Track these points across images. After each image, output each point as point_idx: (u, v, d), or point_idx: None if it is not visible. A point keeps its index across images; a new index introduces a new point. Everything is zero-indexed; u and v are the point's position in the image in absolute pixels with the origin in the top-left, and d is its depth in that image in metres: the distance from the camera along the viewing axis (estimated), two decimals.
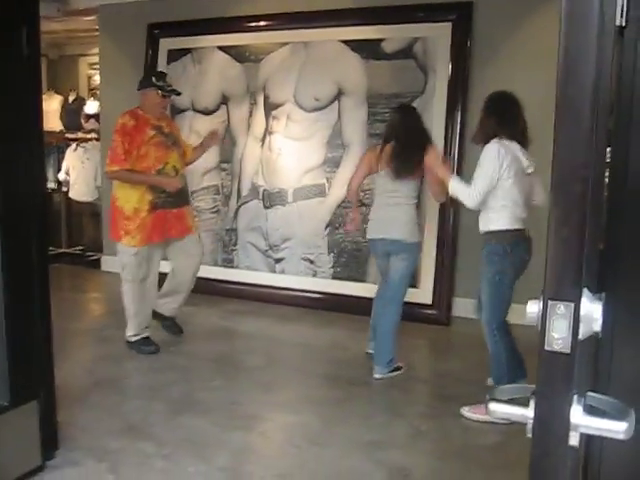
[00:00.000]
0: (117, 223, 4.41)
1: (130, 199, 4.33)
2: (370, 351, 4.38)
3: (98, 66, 7.51)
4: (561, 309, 0.82)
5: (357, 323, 5.10)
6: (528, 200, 3.65)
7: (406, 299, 4.51)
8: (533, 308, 0.88)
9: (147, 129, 4.34)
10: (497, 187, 3.50)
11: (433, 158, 3.86)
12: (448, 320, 5.35)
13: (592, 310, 0.89)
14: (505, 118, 3.57)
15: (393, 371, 4.19)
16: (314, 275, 5.79)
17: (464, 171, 5.34)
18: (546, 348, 0.83)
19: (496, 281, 3.57)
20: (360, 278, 5.58)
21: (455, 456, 3.22)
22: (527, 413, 0.89)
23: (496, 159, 3.46)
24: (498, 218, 3.55)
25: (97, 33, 7.08)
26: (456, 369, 4.38)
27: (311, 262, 5.81)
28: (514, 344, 3.69)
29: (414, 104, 5.41)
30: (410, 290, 5.30)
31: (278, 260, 5.95)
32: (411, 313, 4.76)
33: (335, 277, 5.70)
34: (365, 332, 4.64)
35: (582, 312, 0.86)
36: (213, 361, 4.48)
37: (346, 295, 5.50)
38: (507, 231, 3.55)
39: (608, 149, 1.46)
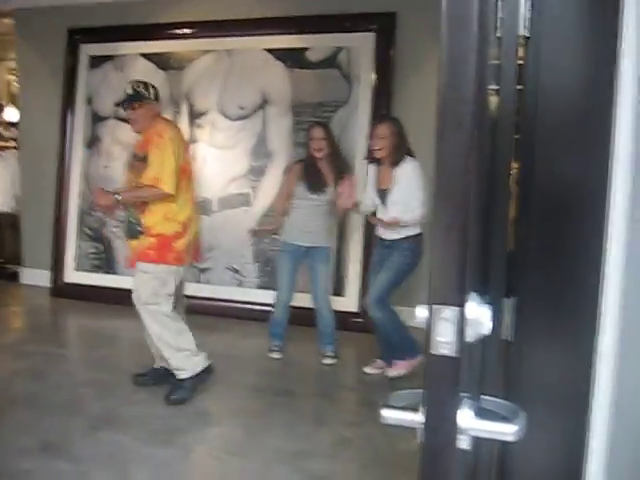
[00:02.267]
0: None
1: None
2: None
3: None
4: (446, 313, 0.83)
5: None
6: None
7: (333, 308, 4.58)
8: (422, 313, 0.89)
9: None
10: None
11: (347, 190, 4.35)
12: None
13: (480, 314, 0.89)
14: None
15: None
16: (239, 285, 5.75)
17: None
18: (432, 352, 0.83)
19: (402, 269, 4.23)
20: None
21: (380, 463, 3.23)
22: (417, 418, 0.89)
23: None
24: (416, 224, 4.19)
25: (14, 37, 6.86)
26: (382, 375, 4.40)
27: (236, 271, 5.76)
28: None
29: (338, 113, 5.48)
30: (337, 298, 5.32)
31: (203, 270, 5.88)
32: (338, 321, 4.76)
33: (261, 286, 5.66)
34: (291, 341, 4.63)
35: (470, 316, 0.86)
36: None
37: (272, 304, 5.46)
38: (420, 234, 4.23)
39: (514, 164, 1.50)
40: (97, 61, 6.33)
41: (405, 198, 4.13)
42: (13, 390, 4.05)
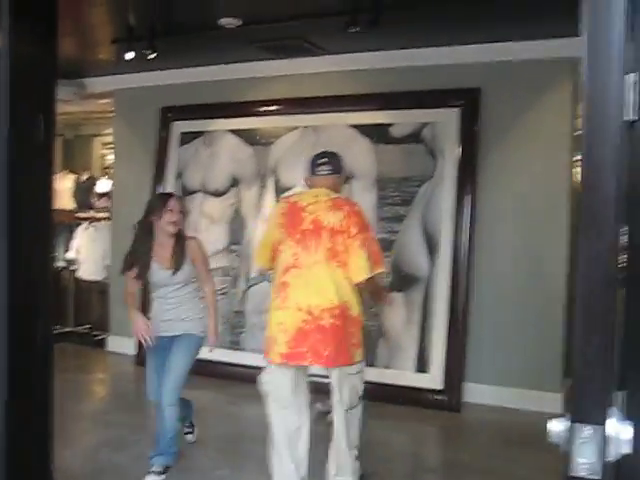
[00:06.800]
0: (352, 339, 3.24)
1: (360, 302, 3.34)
2: None
3: (111, 145, 7.67)
4: (587, 432, 0.78)
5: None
6: None
7: (415, 384, 4.45)
8: (557, 427, 0.84)
9: None
10: None
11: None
12: (459, 406, 5.21)
13: (620, 431, 0.84)
14: None
15: None
16: None
17: (475, 255, 5.33)
18: (572, 474, 0.77)
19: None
20: None
21: None
22: None
23: None
24: None
25: (111, 114, 7.25)
26: (467, 458, 4.24)
27: None
28: None
29: (423, 188, 5.47)
30: (419, 375, 5.20)
31: None
32: (420, 399, 4.65)
33: None
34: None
35: (611, 433, 0.81)
36: (218, 449, 4.35)
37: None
38: None
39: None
40: (187, 137, 6.58)
41: None
42: (97, 461, 4.08)
